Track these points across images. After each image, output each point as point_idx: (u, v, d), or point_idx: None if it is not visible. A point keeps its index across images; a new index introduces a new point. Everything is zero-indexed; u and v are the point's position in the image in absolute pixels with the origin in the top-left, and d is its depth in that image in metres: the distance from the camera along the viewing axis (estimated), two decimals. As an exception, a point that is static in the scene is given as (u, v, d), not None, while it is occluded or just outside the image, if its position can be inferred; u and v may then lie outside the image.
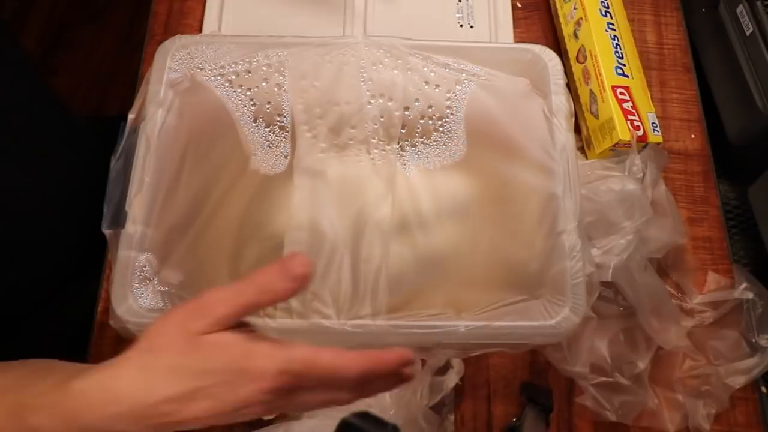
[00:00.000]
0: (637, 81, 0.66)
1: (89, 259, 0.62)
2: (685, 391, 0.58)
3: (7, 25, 0.60)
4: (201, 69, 0.55)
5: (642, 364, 0.57)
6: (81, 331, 0.60)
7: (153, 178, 0.50)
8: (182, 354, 0.34)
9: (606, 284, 0.59)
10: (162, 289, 0.48)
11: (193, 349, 0.34)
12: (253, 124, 0.57)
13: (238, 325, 0.35)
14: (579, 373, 0.57)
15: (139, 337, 0.35)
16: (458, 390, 0.58)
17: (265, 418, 0.51)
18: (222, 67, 0.55)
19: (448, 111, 0.66)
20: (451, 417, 0.57)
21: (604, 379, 0.57)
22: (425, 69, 0.58)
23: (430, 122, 0.68)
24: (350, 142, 0.60)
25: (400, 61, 0.58)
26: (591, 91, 0.66)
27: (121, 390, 0.34)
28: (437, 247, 0.60)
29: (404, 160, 0.63)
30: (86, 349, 0.59)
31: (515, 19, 0.74)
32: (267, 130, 0.57)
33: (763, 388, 0.62)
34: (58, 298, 0.64)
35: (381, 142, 0.59)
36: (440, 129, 0.67)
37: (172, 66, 0.54)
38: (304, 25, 0.71)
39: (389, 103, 0.59)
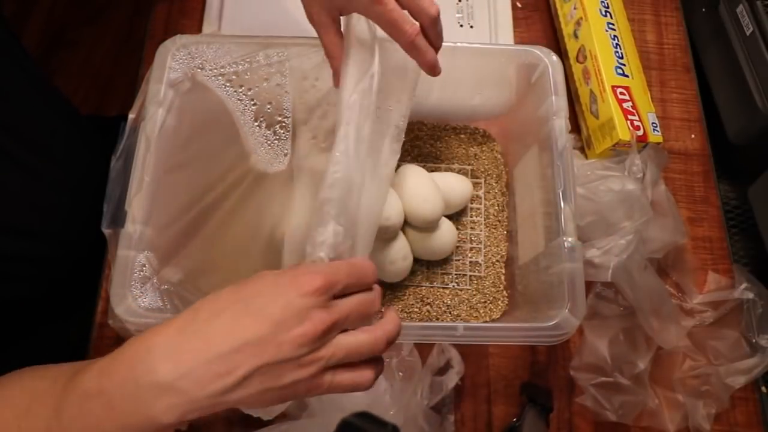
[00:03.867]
0: (637, 81, 0.66)
1: (89, 258, 0.62)
2: (685, 391, 0.58)
3: (9, 24, 0.59)
4: (201, 69, 0.55)
5: (642, 364, 0.57)
6: (82, 331, 0.60)
7: (153, 178, 0.50)
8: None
9: (606, 284, 0.59)
10: (161, 288, 0.48)
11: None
12: (254, 124, 0.57)
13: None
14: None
15: None
16: (458, 390, 0.58)
17: (265, 418, 0.51)
18: (222, 66, 0.55)
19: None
20: (451, 417, 0.57)
21: (604, 379, 0.57)
22: (425, 70, 0.58)
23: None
24: (350, 142, 0.59)
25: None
26: (591, 91, 0.66)
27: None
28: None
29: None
30: (87, 349, 0.59)
31: (515, 19, 0.74)
32: (268, 130, 0.57)
33: (763, 388, 0.62)
34: (58, 298, 0.64)
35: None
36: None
37: (173, 66, 0.54)
38: (304, 25, 0.71)
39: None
